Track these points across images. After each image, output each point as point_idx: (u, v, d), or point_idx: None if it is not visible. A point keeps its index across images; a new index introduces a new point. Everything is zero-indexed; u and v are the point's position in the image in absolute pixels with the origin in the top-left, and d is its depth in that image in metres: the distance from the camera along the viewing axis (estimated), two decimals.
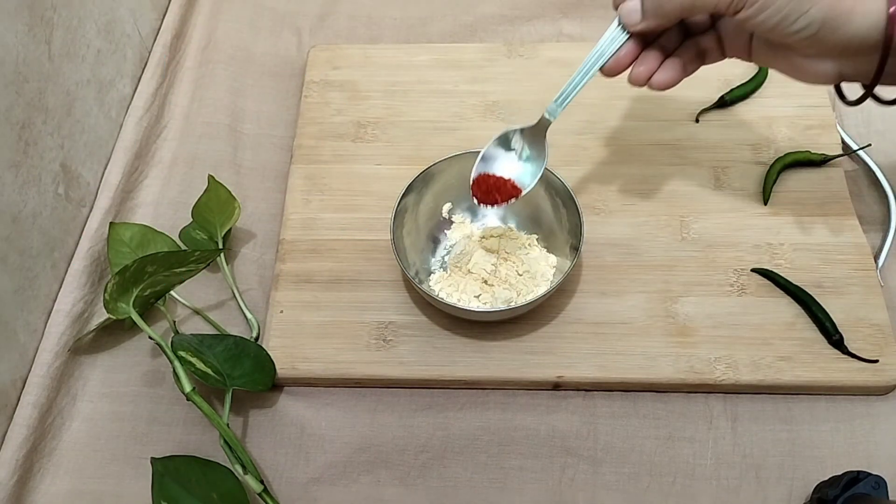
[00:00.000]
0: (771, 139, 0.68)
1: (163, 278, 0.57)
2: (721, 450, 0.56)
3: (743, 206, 0.65)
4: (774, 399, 0.58)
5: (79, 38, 0.65)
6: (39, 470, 0.57)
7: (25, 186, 0.58)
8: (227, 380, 0.55)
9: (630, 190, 0.66)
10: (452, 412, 0.58)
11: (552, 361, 0.58)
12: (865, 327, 0.59)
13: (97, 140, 0.68)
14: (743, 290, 0.61)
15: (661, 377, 0.58)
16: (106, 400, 0.60)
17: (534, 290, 0.60)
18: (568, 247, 0.61)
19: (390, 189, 0.61)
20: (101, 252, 0.65)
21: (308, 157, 0.70)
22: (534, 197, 0.63)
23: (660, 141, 0.69)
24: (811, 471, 0.55)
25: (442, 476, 0.56)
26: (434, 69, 0.75)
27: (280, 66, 0.79)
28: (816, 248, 0.63)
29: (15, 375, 0.57)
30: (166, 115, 0.75)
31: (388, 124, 0.72)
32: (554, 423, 0.57)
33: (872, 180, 0.67)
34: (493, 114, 0.72)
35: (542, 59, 0.75)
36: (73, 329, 0.61)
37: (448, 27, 0.81)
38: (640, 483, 0.55)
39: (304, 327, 0.61)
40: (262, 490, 0.53)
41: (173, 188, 0.70)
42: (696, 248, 0.63)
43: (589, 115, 0.70)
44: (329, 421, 0.58)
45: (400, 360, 0.59)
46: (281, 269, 0.64)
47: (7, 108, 0.56)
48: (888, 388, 0.57)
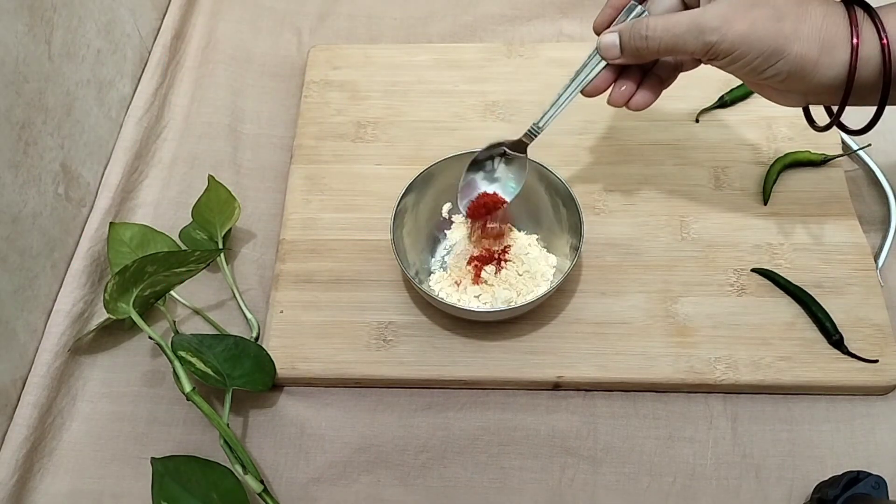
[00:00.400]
0: (771, 139, 0.68)
1: (163, 278, 0.57)
2: (721, 450, 0.56)
3: (743, 206, 0.65)
4: (774, 399, 0.58)
5: (79, 38, 0.65)
6: (39, 470, 0.57)
7: (25, 186, 0.58)
8: (227, 380, 0.55)
9: (630, 190, 0.66)
10: (452, 412, 0.58)
11: (552, 361, 0.58)
12: (865, 327, 0.59)
13: (97, 140, 0.68)
14: (743, 290, 0.61)
15: (661, 377, 0.58)
16: (106, 400, 0.60)
17: (534, 290, 0.60)
18: (568, 247, 0.61)
19: (390, 189, 0.61)
20: (101, 252, 0.65)
21: (308, 157, 0.70)
22: (534, 197, 0.63)
23: (660, 141, 0.69)
24: (811, 471, 0.55)
25: (442, 476, 0.56)
26: (434, 69, 0.75)
27: (280, 66, 0.79)
28: (816, 248, 0.63)
29: (15, 375, 0.57)
30: (166, 115, 0.75)
31: (388, 124, 0.72)
32: (554, 423, 0.57)
33: (872, 180, 0.67)
34: (493, 114, 0.72)
35: (541, 59, 0.75)
36: (73, 329, 0.61)
37: (448, 27, 0.81)
38: (640, 483, 0.55)
39: (304, 327, 0.61)
40: (262, 490, 0.53)
41: (173, 188, 0.70)
42: (696, 248, 0.63)
43: (589, 115, 0.70)
44: (329, 421, 0.58)
45: (400, 360, 0.59)
46: (281, 269, 0.64)
47: (7, 108, 0.56)
48: (888, 388, 0.57)
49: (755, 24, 0.48)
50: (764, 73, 0.49)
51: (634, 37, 0.51)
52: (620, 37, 0.52)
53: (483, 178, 0.60)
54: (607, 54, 0.53)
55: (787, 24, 0.48)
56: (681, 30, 0.49)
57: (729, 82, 0.71)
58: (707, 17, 0.48)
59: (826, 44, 0.48)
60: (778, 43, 0.48)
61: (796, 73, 0.49)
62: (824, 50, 0.48)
